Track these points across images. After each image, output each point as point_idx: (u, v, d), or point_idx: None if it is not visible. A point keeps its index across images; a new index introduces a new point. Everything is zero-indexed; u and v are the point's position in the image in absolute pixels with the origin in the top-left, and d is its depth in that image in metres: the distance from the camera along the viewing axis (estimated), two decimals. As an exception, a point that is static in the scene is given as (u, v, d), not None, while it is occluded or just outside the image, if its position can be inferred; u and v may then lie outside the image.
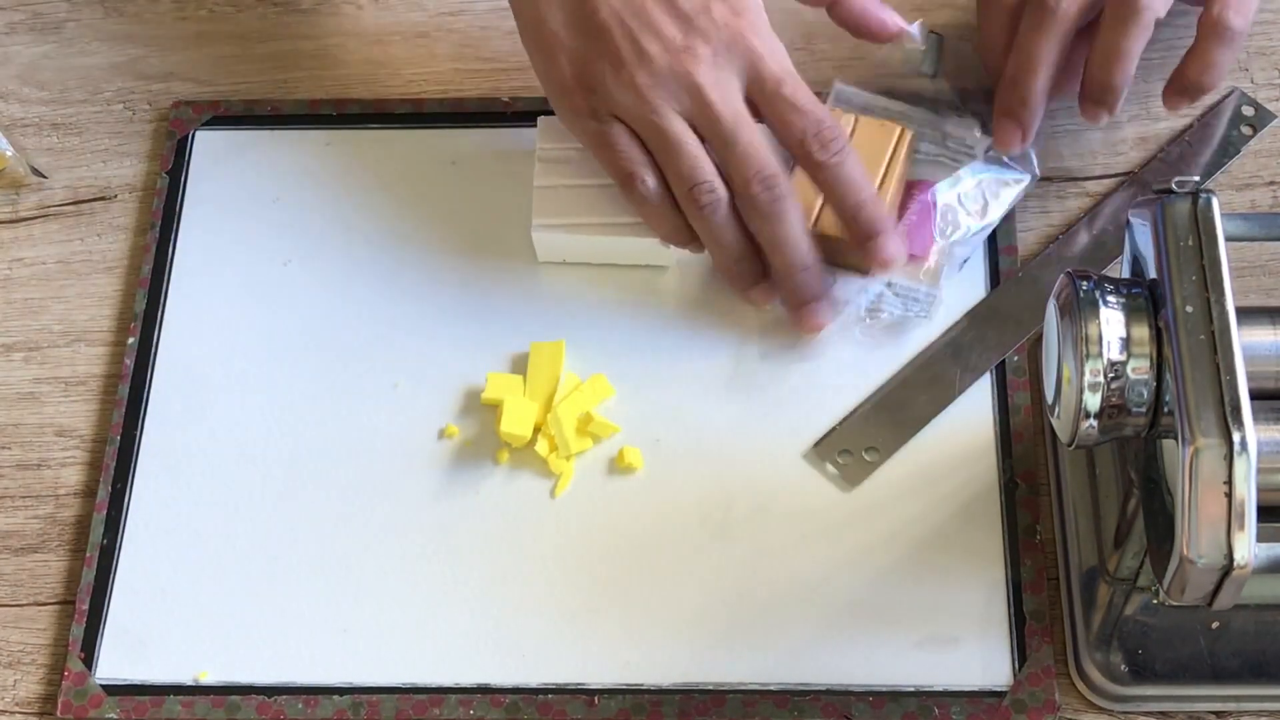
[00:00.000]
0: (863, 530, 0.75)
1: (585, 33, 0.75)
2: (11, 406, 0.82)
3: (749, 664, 0.73)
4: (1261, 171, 0.84)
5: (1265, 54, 0.88)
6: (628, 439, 0.78)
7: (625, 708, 0.72)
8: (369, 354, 0.81)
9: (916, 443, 0.77)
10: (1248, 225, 0.66)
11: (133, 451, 0.79)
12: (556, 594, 0.75)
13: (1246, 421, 0.58)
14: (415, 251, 0.84)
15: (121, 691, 0.74)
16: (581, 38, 0.76)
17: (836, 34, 0.83)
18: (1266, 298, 0.80)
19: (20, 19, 0.94)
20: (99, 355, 0.83)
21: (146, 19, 0.93)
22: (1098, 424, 0.63)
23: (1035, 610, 0.73)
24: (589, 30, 0.75)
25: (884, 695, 0.72)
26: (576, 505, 0.77)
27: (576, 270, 0.82)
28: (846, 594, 0.74)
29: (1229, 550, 0.58)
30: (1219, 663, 0.70)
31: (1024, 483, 0.76)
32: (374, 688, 0.73)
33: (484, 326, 0.81)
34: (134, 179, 0.88)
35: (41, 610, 0.77)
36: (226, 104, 0.89)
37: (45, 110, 0.91)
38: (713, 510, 0.76)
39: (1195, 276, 0.61)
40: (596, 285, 0.82)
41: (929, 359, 0.79)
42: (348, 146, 0.87)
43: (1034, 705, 0.71)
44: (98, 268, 0.85)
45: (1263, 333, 0.63)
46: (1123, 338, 0.62)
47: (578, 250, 0.81)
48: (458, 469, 0.78)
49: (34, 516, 0.79)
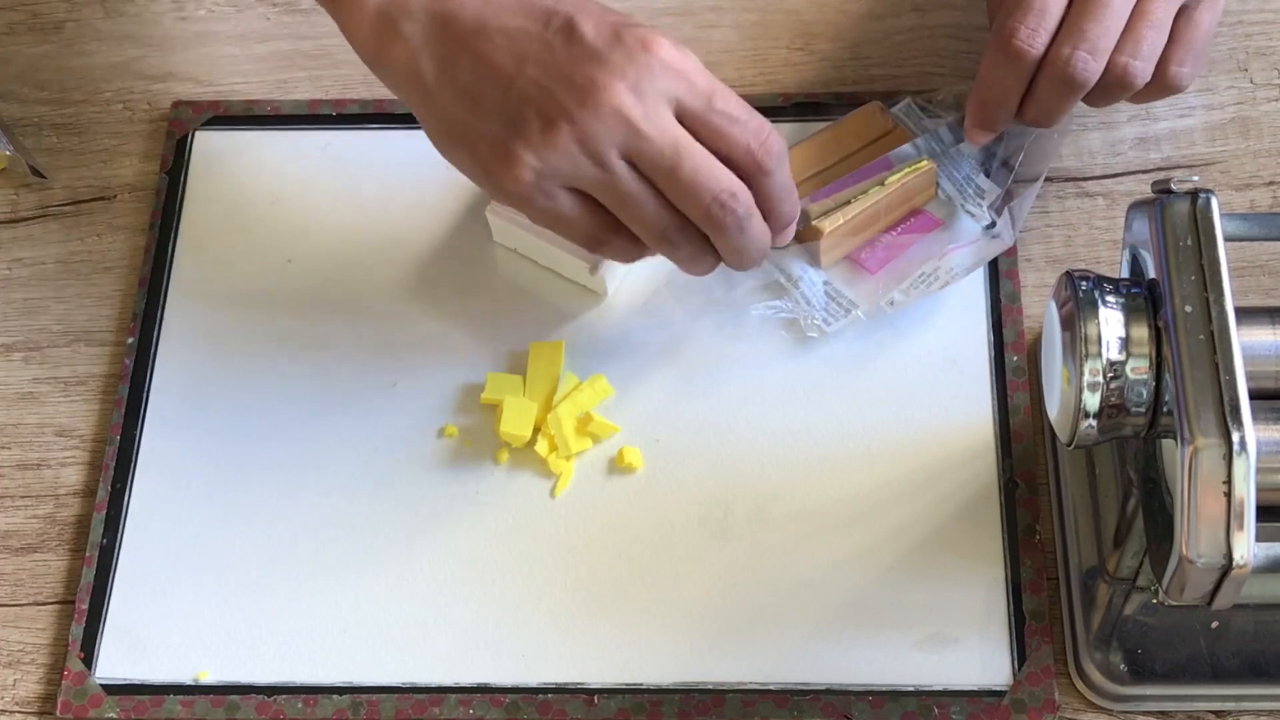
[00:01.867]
0: (862, 530, 0.75)
1: (496, 107, 0.69)
2: (11, 406, 0.82)
3: (748, 663, 0.73)
4: (1261, 171, 0.84)
5: (1265, 54, 0.88)
6: (627, 439, 0.78)
7: (625, 707, 0.72)
8: (368, 354, 0.81)
9: (917, 442, 0.77)
10: (1247, 225, 0.66)
11: (132, 451, 0.79)
12: (556, 594, 0.75)
13: (1246, 421, 0.58)
14: (414, 252, 0.84)
15: (121, 691, 0.74)
16: (494, 114, 0.69)
17: (835, 34, 0.83)
18: (1266, 297, 0.80)
19: (20, 19, 0.94)
20: (99, 355, 0.83)
21: (146, 19, 0.93)
22: (1097, 424, 0.63)
23: (1035, 610, 0.73)
24: (499, 104, 0.69)
25: (884, 695, 0.72)
26: (576, 505, 0.77)
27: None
28: (846, 594, 0.74)
29: (1228, 550, 0.58)
30: (1218, 662, 0.70)
31: (1024, 483, 0.76)
32: (373, 687, 0.73)
33: (484, 326, 0.82)
34: (133, 179, 0.88)
35: (41, 610, 0.77)
36: (226, 104, 0.89)
37: (45, 110, 0.91)
38: (712, 510, 0.76)
39: (1194, 276, 0.61)
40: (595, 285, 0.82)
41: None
42: (347, 147, 0.87)
43: (1033, 705, 0.71)
44: (97, 268, 0.85)
45: (1262, 332, 0.63)
46: (1122, 338, 0.62)
47: (527, 246, 0.82)
48: (457, 469, 0.78)
49: (34, 516, 0.79)
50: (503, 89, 0.68)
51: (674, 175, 0.68)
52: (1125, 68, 0.74)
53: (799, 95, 0.87)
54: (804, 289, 0.80)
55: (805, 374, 0.79)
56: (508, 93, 0.68)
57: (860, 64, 0.88)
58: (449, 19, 0.70)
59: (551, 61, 0.68)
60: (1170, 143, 0.85)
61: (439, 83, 0.70)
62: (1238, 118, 0.86)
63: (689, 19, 0.91)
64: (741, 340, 0.80)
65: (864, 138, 0.82)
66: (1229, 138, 0.85)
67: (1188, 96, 0.86)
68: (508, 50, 0.69)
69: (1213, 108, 0.86)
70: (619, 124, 0.67)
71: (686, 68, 0.69)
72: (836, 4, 0.91)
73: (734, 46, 0.90)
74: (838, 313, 0.79)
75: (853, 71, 0.88)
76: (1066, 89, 0.75)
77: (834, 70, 0.88)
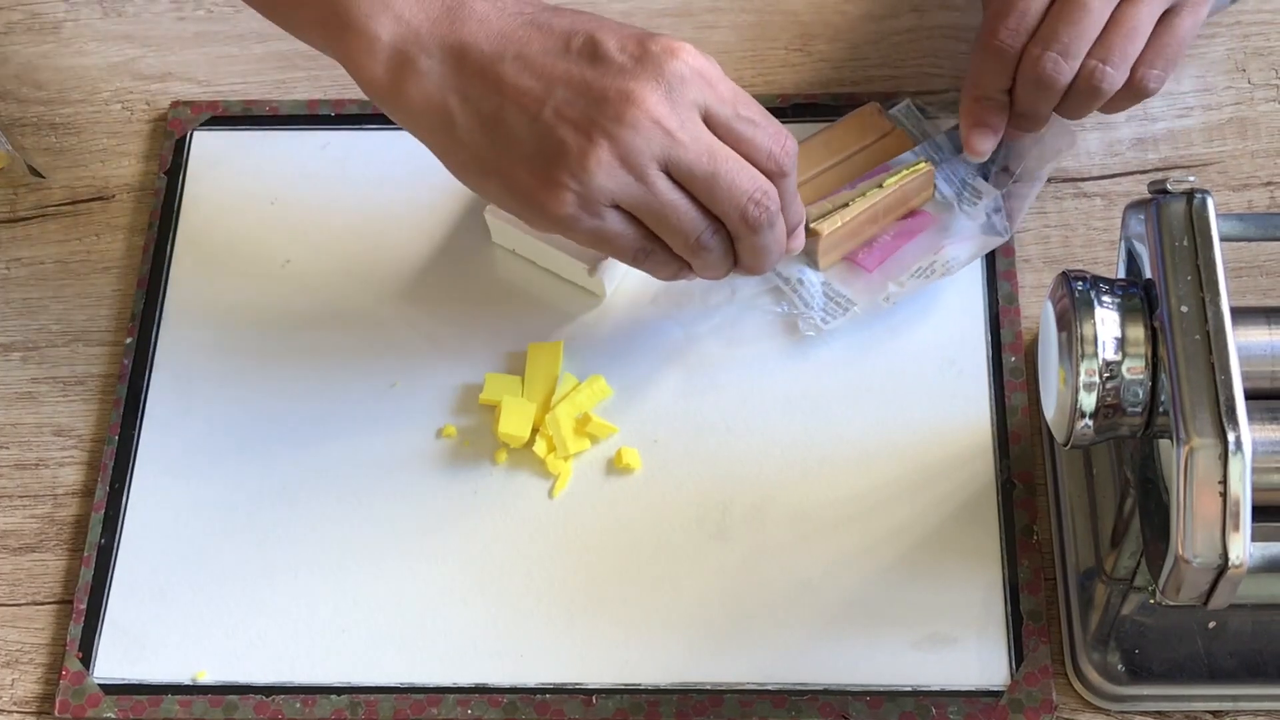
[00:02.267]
0: (860, 531, 0.75)
1: (528, 134, 0.69)
2: (10, 406, 0.82)
3: (746, 663, 0.73)
4: (1258, 172, 0.84)
5: (1262, 54, 0.88)
6: (625, 439, 0.78)
7: (623, 707, 0.72)
8: (367, 354, 0.81)
9: (915, 443, 0.77)
10: (1244, 225, 0.66)
11: (131, 451, 0.79)
12: (554, 594, 0.75)
13: (1241, 421, 0.58)
14: (413, 252, 0.84)
15: (119, 691, 0.74)
16: (526, 142, 0.69)
17: (834, 35, 0.83)
18: (1263, 298, 0.80)
19: (18, 19, 0.94)
20: (97, 355, 0.83)
21: (144, 19, 0.93)
22: (1093, 424, 0.63)
23: (1032, 610, 0.73)
24: (530, 130, 0.68)
25: (881, 695, 0.72)
26: (574, 505, 0.77)
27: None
28: (844, 594, 0.74)
29: (1224, 550, 0.58)
30: (1215, 662, 0.70)
31: (1021, 483, 0.76)
32: (371, 687, 0.73)
33: (482, 327, 0.82)
34: (132, 179, 0.88)
35: (39, 609, 0.77)
36: (224, 104, 0.89)
37: (43, 110, 0.91)
38: (710, 510, 0.76)
39: (1190, 276, 0.61)
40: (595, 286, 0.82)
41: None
42: (346, 147, 0.87)
43: (1031, 705, 0.71)
44: (96, 268, 0.86)
45: (1258, 333, 0.63)
46: (1118, 338, 0.62)
47: (526, 247, 0.82)
48: (456, 469, 0.78)
49: (32, 516, 0.79)
50: (532, 115, 0.68)
51: (712, 180, 0.69)
52: (1094, 71, 0.75)
53: (797, 96, 0.87)
54: (802, 291, 0.80)
55: (803, 375, 0.79)
56: (538, 118, 0.68)
57: (859, 65, 0.89)
58: (465, 51, 0.69)
59: (581, 81, 0.68)
60: (1168, 143, 0.85)
61: (464, 115, 0.69)
62: (1235, 118, 0.86)
63: (688, 20, 0.91)
64: (740, 342, 0.80)
65: (862, 139, 0.82)
66: (1226, 138, 0.85)
67: (1186, 97, 0.86)
68: (532, 75, 0.69)
69: (1210, 108, 0.86)
70: (658, 135, 0.68)
71: (711, 75, 0.70)
72: (835, 5, 0.91)
73: (732, 47, 0.90)
74: (835, 311, 0.79)
75: (851, 72, 0.88)
76: (1039, 89, 0.76)
77: (832, 71, 0.88)
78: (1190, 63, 0.87)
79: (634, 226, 0.71)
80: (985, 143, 0.79)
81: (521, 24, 0.70)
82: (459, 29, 0.69)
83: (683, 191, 0.70)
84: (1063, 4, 0.75)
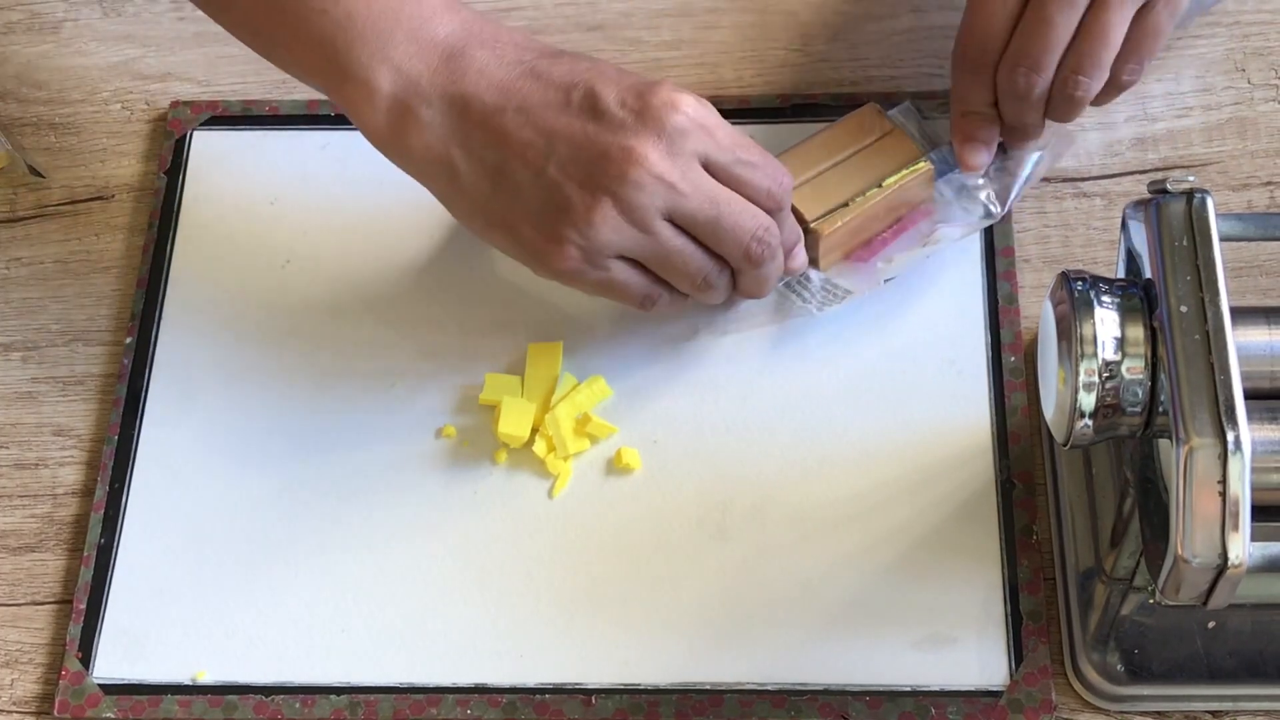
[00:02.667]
0: (860, 531, 0.75)
1: (532, 188, 0.69)
2: (9, 406, 0.82)
3: (746, 663, 0.73)
4: (1258, 172, 0.84)
5: (1262, 54, 0.88)
6: (625, 439, 0.78)
7: (622, 707, 0.72)
8: (366, 354, 0.81)
9: (915, 443, 0.77)
10: (1243, 225, 0.66)
11: (130, 451, 0.79)
12: (554, 594, 0.75)
13: (1241, 421, 0.58)
14: (412, 252, 0.84)
15: (119, 691, 0.74)
16: (530, 196, 0.70)
17: (834, 35, 0.83)
18: (1263, 298, 0.80)
19: (18, 18, 0.94)
20: (97, 355, 0.83)
21: (144, 19, 0.93)
22: (1092, 424, 0.63)
23: (1032, 610, 0.73)
24: (534, 184, 0.69)
25: (881, 695, 0.72)
26: (574, 506, 0.77)
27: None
28: (843, 594, 0.74)
29: (1223, 550, 0.58)
30: (1215, 662, 0.70)
31: (1021, 483, 0.76)
32: (371, 687, 0.73)
33: (482, 327, 0.82)
34: (132, 179, 0.88)
35: (39, 609, 0.77)
36: (224, 104, 0.89)
37: (43, 110, 0.91)
38: (710, 510, 0.76)
39: (1190, 276, 0.61)
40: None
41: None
42: (346, 147, 0.87)
43: (1030, 705, 0.71)
44: (95, 267, 0.86)
45: (1258, 333, 0.63)
46: (1117, 338, 0.62)
47: None
48: (455, 469, 0.78)
49: (31, 516, 0.79)
50: (535, 170, 0.69)
51: (715, 224, 0.71)
52: (1067, 81, 0.75)
53: (797, 96, 0.87)
54: (803, 290, 0.80)
55: (804, 375, 0.79)
56: (541, 173, 0.69)
57: (858, 65, 0.89)
58: (467, 102, 0.70)
59: (582, 136, 0.69)
60: (1168, 143, 0.85)
61: (468, 168, 0.70)
62: (1235, 118, 0.86)
63: (688, 20, 0.91)
64: (739, 342, 0.80)
65: (861, 139, 0.82)
66: (1226, 138, 0.85)
67: (1186, 97, 0.86)
68: (534, 129, 0.69)
69: (1210, 108, 0.86)
70: (661, 189, 0.69)
71: (710, 123, 0.71)
72: (835, 5, 0.91)
73: (732, 47, 0.90)
74: (832, 301, 0.80)
75: (851, 72, 0.88)
76: (1018, 103, 0.77)
77: (832, 71, 0.88)
78: (1190, 63, 0.87)
79: (639, 273, 0.73)
80: (978, 157, 0.80)
81: (521, 74, 0.70)
82: (459, 80, 0.70)
83: (687, 236, 0.71)
84: (1025, 19, 0.75)
